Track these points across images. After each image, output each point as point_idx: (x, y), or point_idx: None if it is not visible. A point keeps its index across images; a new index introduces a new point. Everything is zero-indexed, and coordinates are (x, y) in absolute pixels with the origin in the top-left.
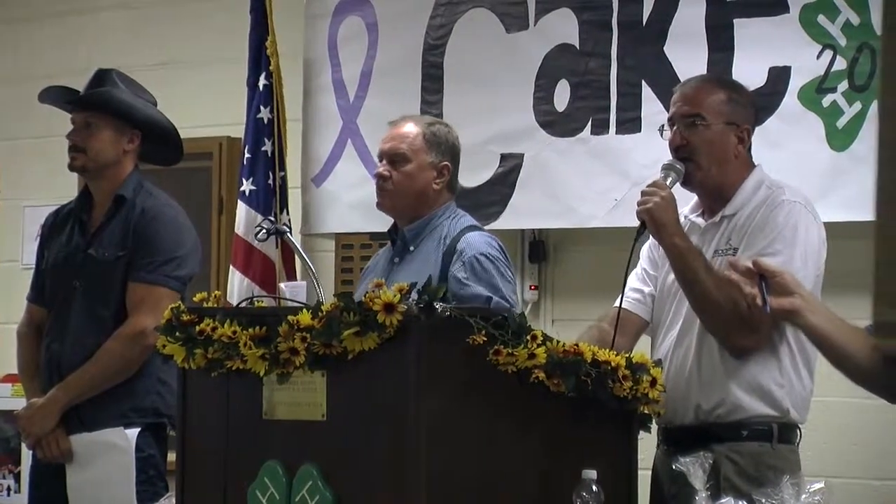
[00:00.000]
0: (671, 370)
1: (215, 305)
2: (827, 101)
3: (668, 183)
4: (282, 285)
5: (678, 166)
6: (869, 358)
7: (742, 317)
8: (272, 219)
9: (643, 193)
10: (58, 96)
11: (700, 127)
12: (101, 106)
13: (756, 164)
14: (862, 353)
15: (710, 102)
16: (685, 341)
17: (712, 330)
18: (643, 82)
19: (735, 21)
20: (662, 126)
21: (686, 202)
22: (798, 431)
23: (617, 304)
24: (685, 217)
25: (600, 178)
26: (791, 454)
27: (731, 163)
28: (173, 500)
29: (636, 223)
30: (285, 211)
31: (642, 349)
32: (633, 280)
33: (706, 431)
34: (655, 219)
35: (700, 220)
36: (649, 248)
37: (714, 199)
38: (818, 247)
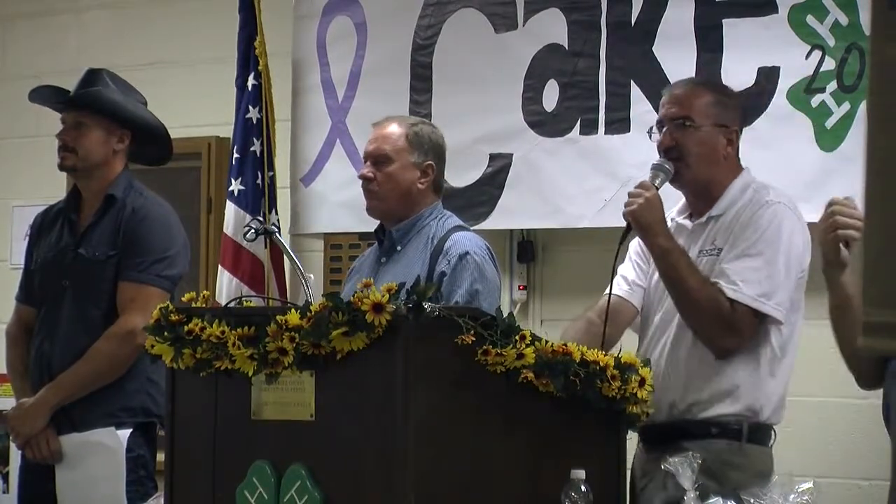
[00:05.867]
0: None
1: (204, 305)
2: (816, 101)
3: (656, 183)
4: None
5: (667, 166)
6: None
7: (724, 317)
8: (261, 219)
9: (629, 195)
10: (48, 96)
11: (689, 128)
12: (92, 106)
13: (744, 166)
14: None
15: (699, 104)
16: (662, 340)
17: (696, 330)
18: (632, 82)
19: (724, 21)
20: (651, 129)
21: (675, 202)
22: (772, 432)
23: (606, 293)
24: (672, 219)
25: (589, 179)
26: (760, 454)
27: (719, 164)
28: (162, 500)
29: (625, 223)
30: (274, 211)
31: (630, 348)
32: (623, 270)
33: (677, 429)
34: (640, 220)
35: (687, 222)
36: (638, 242)
37: (701, 200)
38: (802, 247)
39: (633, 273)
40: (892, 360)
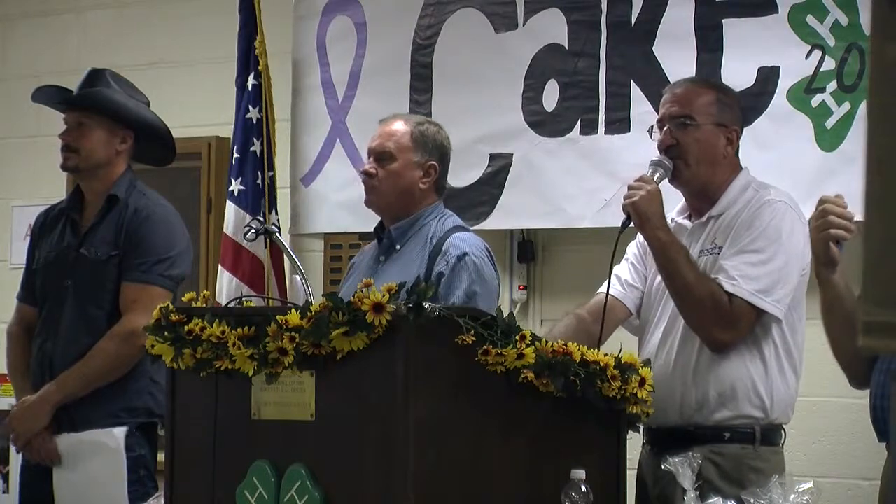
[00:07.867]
0: (656, 370)
1: (204, 305)
2: (816, 101)
3: (655, 178)
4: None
5: (666, 162)
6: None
7: (721, 311)
8: (261, 219)
9: (629, 187)
10: (51, 96)
11: (690, 127)
12: (94, 106)
13: (743, 166)
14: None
15: (700, 103)
16: (668, 341)
17: (691, 324)
18: (632, 82)
19: (724, 21)
20: (652, 127)
21: (676, 202)
22: (782, 432)
23: (600, 291)
24: (672, 219)
25: (589, 178)
26: (774, 455)
27: (719, 163)
28: (162, 500)
29: (625, 215)
30: (274, 211)
31: (631, 349)
32: (617, 270)
33: (689, 433)
34: (640, 212)
35: (686, 222)
36: (637, 244)
37: (701, 200)
38: (802, 245)
39: (628, 274)
40: (882, 360)
